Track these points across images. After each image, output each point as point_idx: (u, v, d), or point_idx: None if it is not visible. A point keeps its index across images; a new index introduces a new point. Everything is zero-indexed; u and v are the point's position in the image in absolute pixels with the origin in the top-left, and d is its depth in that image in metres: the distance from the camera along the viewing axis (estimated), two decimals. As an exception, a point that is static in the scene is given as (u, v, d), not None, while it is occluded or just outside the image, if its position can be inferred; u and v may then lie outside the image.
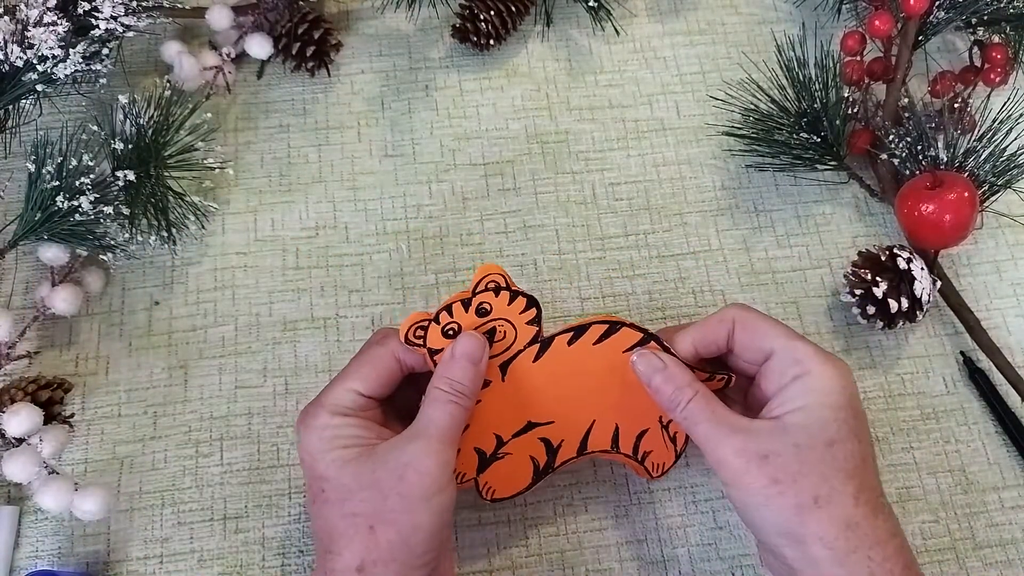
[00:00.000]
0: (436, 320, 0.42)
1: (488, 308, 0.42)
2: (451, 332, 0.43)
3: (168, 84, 0.57)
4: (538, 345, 0.44)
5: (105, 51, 0.56)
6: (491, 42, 0.61)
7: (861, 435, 0.41)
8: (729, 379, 0.45)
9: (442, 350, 0.43)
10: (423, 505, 0.39)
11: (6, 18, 0.53)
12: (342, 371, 0.43)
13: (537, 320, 0.44)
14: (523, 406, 0.45)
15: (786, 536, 0.39)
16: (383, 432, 0.42)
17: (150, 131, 0.53)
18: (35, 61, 0.52)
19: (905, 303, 0.52)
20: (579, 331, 0.44)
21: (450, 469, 0.41)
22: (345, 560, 0.39)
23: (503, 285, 0.42)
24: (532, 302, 0.43)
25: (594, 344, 0.44)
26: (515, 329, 0.43)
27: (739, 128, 0.60)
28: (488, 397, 0.44)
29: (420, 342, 0.42)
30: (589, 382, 0.45)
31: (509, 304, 0.43)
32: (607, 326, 0.44)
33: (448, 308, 0.42)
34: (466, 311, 0.42)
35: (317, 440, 0.41)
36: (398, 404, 0.45)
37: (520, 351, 0.44)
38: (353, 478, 0.40)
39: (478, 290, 0.42)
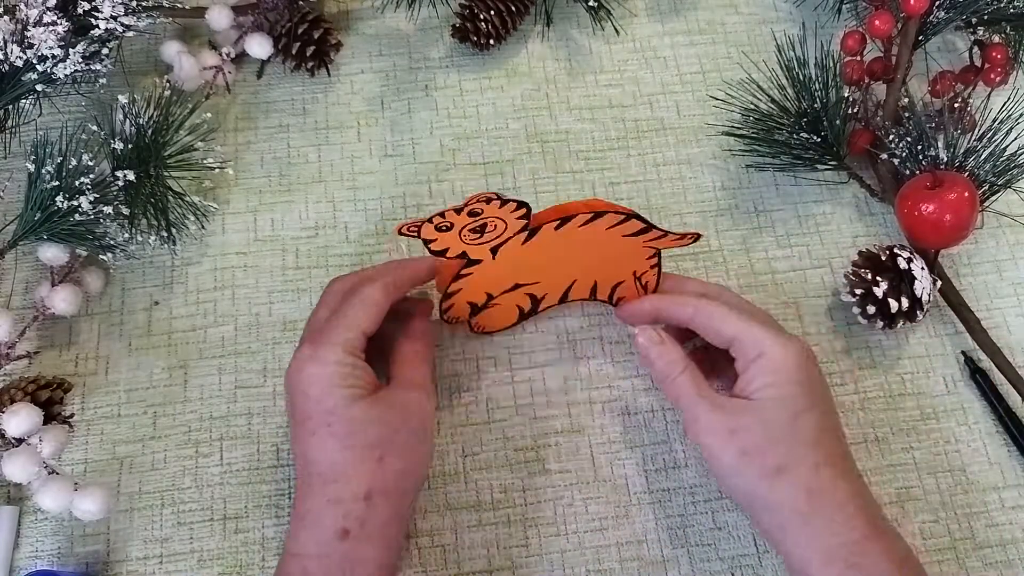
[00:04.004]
0: (429, 220, 0.44)
1: (480, 211, 0.44)
2: (444, 227, 0.45)
3: (168, 84, 0.57)
4: (527, 232, 0.47)
5: (105, 51, 0.56)
6: (491, 42, 0.61)
7: (823, 406, 0.45)
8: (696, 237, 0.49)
9: (435, 240, 0.45)
10: (426, 440, 0.46)
11: (6, 18, 0.53)
12: (342, 311, 0.45)
13: (527, 215, 0.46)
14: (512, 273, 0.50)
15: (758, 502, 0.44)
16: (375, 377, 0.46)
17: (150, 131, 0.53)
18: (35, 61, 0.52)
19: (905, 303, 0.52)
20: (565, 220, 0.46)
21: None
22: (352, 488, 0.42)
23: (494, 198, 0.44)
24: (523, 204, 0.45)
25: (580, 227, 0.47)
26: (505, 223, 0.46)
27: (739, 128, 0.60)
28: (480, 271, 0.48)
29: (414, 234, 0.45)
30: (572, 252, 0.49)
31: (500, 208, 0.44)
32: (591, 215, 0.46)
33: (441, 213, 0.44)
34: (458, 214, 0.44)
35: (331, 375, 0.43)
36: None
37: (510, 237, 0.47)
38: (363, 412, 0.43)
39: (469, 203, 0.44)
